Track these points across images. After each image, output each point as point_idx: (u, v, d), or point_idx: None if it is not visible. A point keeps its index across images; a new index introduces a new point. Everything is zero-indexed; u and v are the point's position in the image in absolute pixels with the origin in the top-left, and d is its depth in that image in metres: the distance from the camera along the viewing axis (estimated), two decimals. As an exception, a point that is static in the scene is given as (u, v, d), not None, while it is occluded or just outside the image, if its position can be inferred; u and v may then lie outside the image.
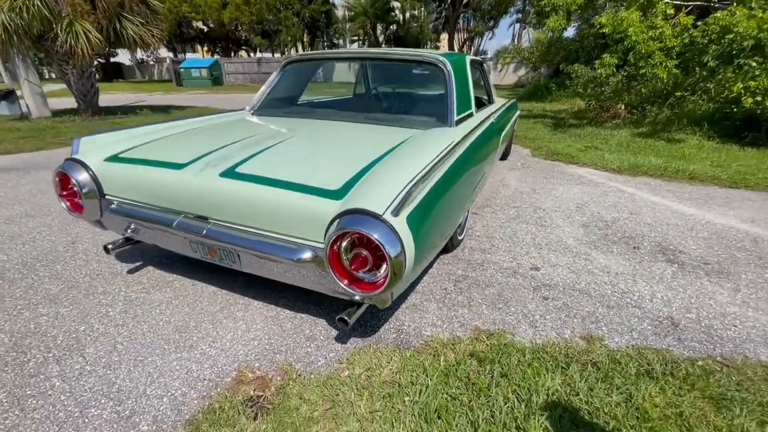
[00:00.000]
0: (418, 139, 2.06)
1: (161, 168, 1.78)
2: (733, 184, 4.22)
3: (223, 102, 13.66)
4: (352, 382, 1.49)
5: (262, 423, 1.32)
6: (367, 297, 1.41)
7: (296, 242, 1.52)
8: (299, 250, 1.49)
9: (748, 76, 5.13)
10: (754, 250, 2.76)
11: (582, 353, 1.68)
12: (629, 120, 7.59)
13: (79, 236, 2.81)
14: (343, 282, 1.39)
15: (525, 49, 12.12)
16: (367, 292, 1.36)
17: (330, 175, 1.60)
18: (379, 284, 1.33)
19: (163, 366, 1.60)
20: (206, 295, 2.11)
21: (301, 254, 1.49)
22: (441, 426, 1.30)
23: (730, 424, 1.34)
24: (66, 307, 1.99)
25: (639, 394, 1.45)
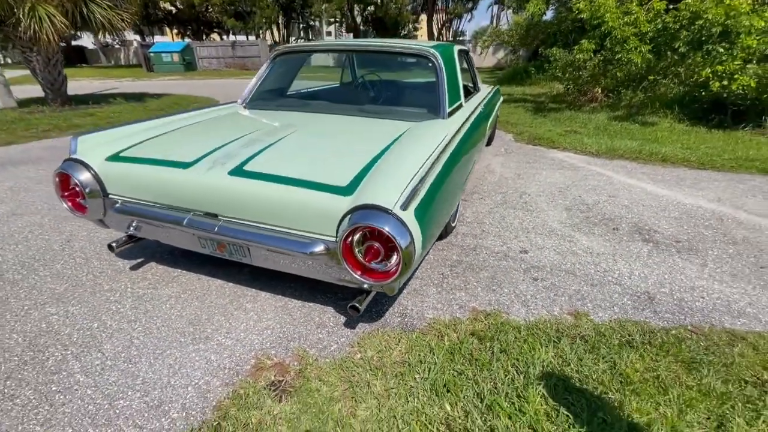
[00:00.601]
0: (414, 132, 2.14)
1: (167, 167, 1.82)
2: (701, 166, 4.50)
3: (201, 89, 13.24)
4: (366, 364, 1.62)
5: (286, 405, 1.43)
6: (379, 285, 1.51)
7: (308, 236, 1.60)
8: (311, 244, 1.58)
9: (716, 61, 5.40)
10: (719, 227, 3.01)
11: (571, 328, 1.86)
12: (606, 103, 7.85)
13: (74, 234, 2.80)
14: (357, 273, 1.49)
15: (504, 32, 12.20)
16: (380, 280, 1.47)
17: (337, 172, 1.68)
18: (392, 273, 1.44)
19: (182, 358, 1.68)
20: (214, 288, 2.17)
21: (314, 248, 1.57)
22: (451, 398, 1.45)
23: (699, 383, 1.54)
24: (74, 305, 2.02)
25: (622, 362, 1.63)
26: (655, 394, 1.48)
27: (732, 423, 1.37)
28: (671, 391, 1.50)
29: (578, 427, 1.34)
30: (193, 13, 27.41)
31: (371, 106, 2.66)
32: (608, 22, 6.13)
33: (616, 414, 1.39)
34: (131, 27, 9.58)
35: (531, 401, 1.43)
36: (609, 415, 1.39)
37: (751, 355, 1.70)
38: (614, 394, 1.48)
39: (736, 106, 5.78)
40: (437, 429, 1.33)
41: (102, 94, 11.19)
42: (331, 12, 27.05)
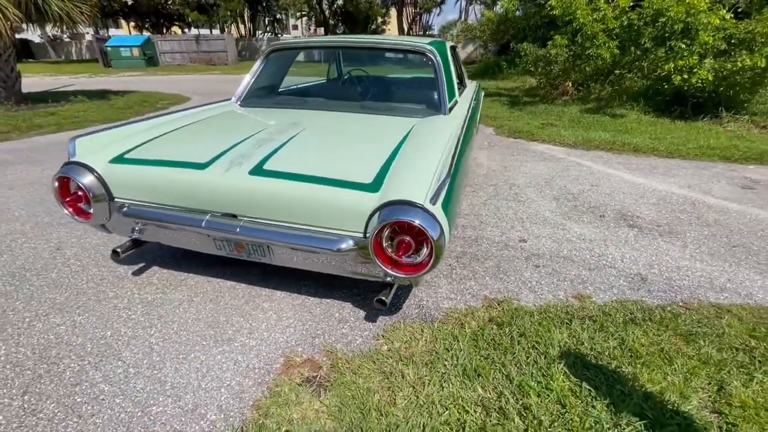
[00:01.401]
0: (421, 129, 2.19)
1: (181, 168, 1.77)
2: (669, 155, 4.83)
3: (167, 85, 12.67)
4: (395, 355, 1.67)
5: (326, 398, 1.45)
6: (409, 278, 1.56)
7: (333, 233, 1.62)
8: (338, 241, 1.60)
9: (678, 57, 5.77)
10: (693, 211, 3.26)
11: (578, 310, 1.98)
12: (576, 96, 8.21)
13: (63, 241, 2.66)
14: (387, 267, 1.53)
15: (476, 27, 12.43)
16: (411, 273, 1.52)
17: (359, 169, 1.71)
18: (423, 265, 1.49)
19: (208, 360, 1.66)
20: (226, 289, 2.15)
21: (341, 244, 1.60)
22: (482, 381, 1.52)
23: (698, 353, 1.69)
24: (81, 314, 1.94)
25: (629, 338, 1.76)
26: (662, 365, 1.62)
27: (730, 386, 1.53)
28: (675, 361, 1.64)
29: (601, 399, 1.45)
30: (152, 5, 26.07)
31: (371, 103, 2.68)
32: (579, 19, 6.41)
33: (631, 385, 1.52)
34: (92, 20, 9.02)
35: (555, 379, 1.53)
36: (625, 386, 1.51)
37: (737, 325, 1.88)
38: (627, 367, 1.61)
39: (695, 98, 6.22)
40: (474, 411, 1.40)
41: (59, 91, 10.50)
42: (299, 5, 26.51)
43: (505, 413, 1.39)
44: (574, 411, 1.39)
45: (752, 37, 5.48)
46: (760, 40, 5.42)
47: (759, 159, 4.57)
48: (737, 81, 5.67)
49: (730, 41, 5.76)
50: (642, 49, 6.83)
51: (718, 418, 1.42)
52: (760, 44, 5.40)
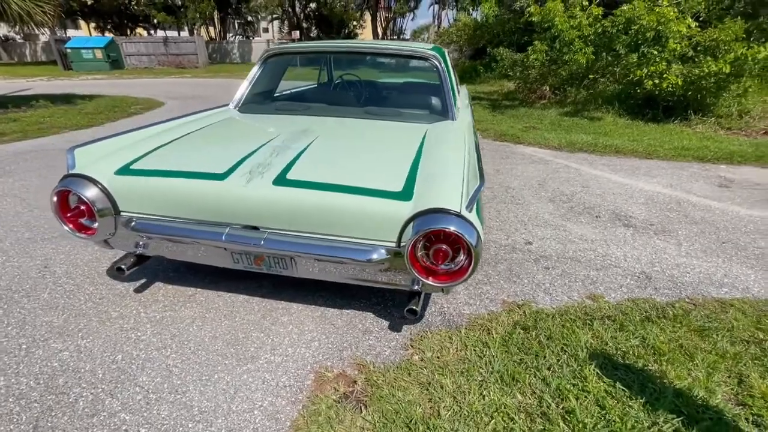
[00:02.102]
0: (435, 135, 2.20)
1: (198, 179, 1.69)
2: (648, 156, 5.07)
3: (136, 89, 12.13)
4: (429, 365, 1.65)
5: (368, 415, 1.41)
6: (445, 287, 1.54)
7: (364, 243, 1.58)
8: (370, 251, 1.56)
9: (650, 62, 6.08)
10: (679, 210, 3.43)
11: (596, 310, 2.03)
12: (554, 100, 8.49)
13: (50, 258, 2.47)
14: (422, 276, 1.51)
15: (452, 32, 12.65)
16: (447, 282, 1.50)
17: (385, 177, 1.68)
18: (461, 273, 1.47)
19: (234, 381, 1.58)
20: (239, 304, 2.06)
21: (372, 255, 1.56)
22: (520, 387, 1.53)
23: (714, 347, 1.77)
24: (84, 338, 1.80)
25: (649, 336, 1.82)
26: (685, 362, 1.68)
27: (749, 379, 1.60)
28: (696, 357, 1.71)
29: (636, 398, 1.48)
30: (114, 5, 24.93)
31: (375, 108, 2.65)
32: (558, 26, 6.64)
33: (661, 383, 1.56)
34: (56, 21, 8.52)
35: (589, 381, 1.55)
36: (656, 384, 1.55)
37: (742, 318, 1.98)
38: (653, 365, 1.66)
39: (666, 102, 6.57)
40: (519, 418, 1.40)
41: (18, 95, 9.84)
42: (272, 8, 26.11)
43: (549, 418, 1.39)
44: (614, 412, 1.42)
45: (716, 45, 5.86)
46: (724, 48, 5.80)
47: (729, 159, 4.87)
48: (704, 85, 6.04)
49: (696, 48, 6.13)
50: (614, 55, 7.16)
51: (744, 410, 1.48)
52: (724, 51, 5.78)
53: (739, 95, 6.16)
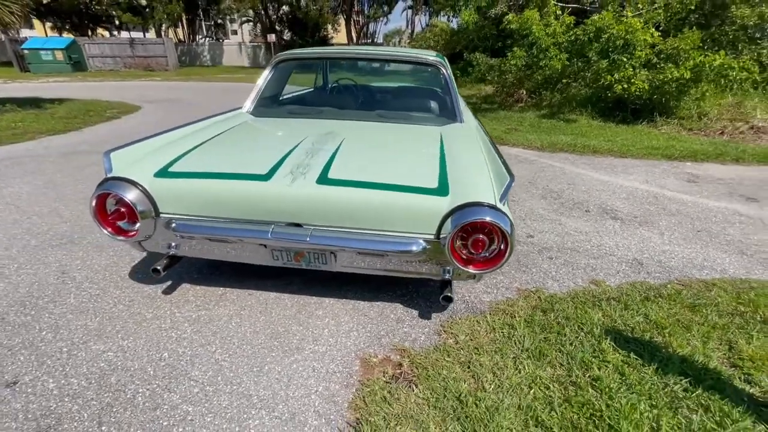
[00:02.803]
0: (451, 136, 2.37)
1: (242, 180, 1.76)
2: (623, 155, 5.47)
3: (109, 92, 11.69)
4: (465, 346, 1.79)
5: (420, 392, 1.54)
6: (480, 274, 1.69)
7: (404, 237, 1.71)
8: (410, 243, 1.70)
9: (620, 69, 6.55)
10: (657, 203, 3.76)
11: (601, 293, 2.25)
12: (530, 103, 8.92)
13: (65, 264, 2.45)
14: (460, 264, 1.65)
15: (430, 37, 12.98)
16: (485, 269, 1.66)
17: (419, 174, 1.82)
18: (498, 259, 1.63)
19: (285, 371, 1.67)
20: (271, 301, 2.13)
21: (412, 247, 1.69)
22: (550, 360, 1.70)
23: (705, 320, 2.02)
24: (125, 339, 1.83)
25: (651, 313, 2.05)
26: (683, 333, 1.91)
27: (737, 345, 1.85)
28: (692, 329, 1.94)
29: (649, 365, 1.69)
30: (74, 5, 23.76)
31: (387, 112, 2.79)
32: (535, 33, 7.03)
33: (667, 352, 1.78)
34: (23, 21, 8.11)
35: (607, 352, 1.75)
36: (663, 353, 1.77)
37: (725, 295, 2.25)
38: (657, 337, 1.88)
39: (634, 104, 7.07)
40: (552, 386, 1.57)
41: (-21, 99, 9.25)
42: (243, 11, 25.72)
43: (579, 385, 1.57)
44: (632, 377, 1.61)
45: (677, 53, 6.39)
46: (684, 55, 6.33)
47: (693, 157, 5.34)
48: (667, 90, 6.56)
49: (659, 55, 6.66)
50: (584, 61, 7.64)
51: (736, 370, 1.72)
52: (684, 59, 6.31)
53: (698, 99, 6.74)
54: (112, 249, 2.64)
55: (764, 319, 2.04)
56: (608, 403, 1.48)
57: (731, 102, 6.75)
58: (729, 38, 7.48)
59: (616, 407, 1.46)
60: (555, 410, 1.45)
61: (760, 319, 2.05)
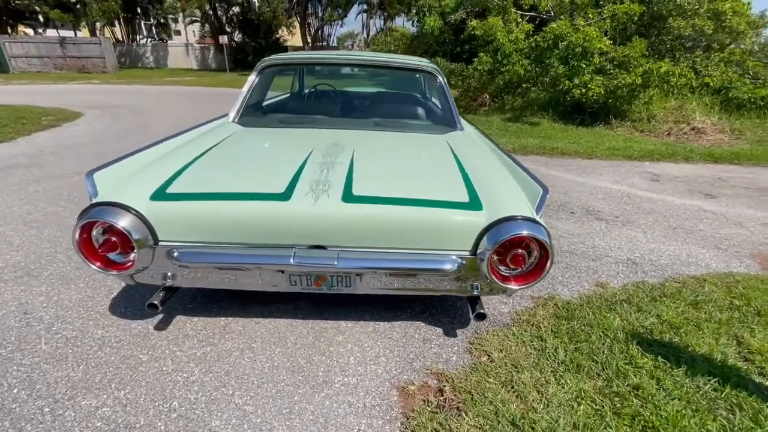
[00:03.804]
0: (459, 144, 2.32)
1: (257, 201, 1.58)
2: (589, 156, 5.76)
3: (43, 97, 10.51)
4: (500, 365, 1.73)
5: (470, 419, 1.45)
6: (517, 289, 1.64)
7: (437, 254, 1.62)
8: (444, 261, 1.61)
9: (580, 74, 6.92)
10: (632, 202, 3.98)
11: (610, 296, 2.30)
12: (494, 107, 9.20)
13: (25, 302, 2.09)
14: (499, 280, 1.59)
15: (390, 41, 13.04)
16: (526, 283, 1.61)
17: (445, 187, 1.75)
18: (538, 272, 1.59)
19: (318, 410, 1.51)
20: (283, 330, 1.95)
21: (446, 265, 1.61)
22: (587, 371, 1.69)
23: (710, 316, 2.12)
24: (121, 389, 1.58)
25: (662, 314, 2.11)
26: (695, 331, 1.99)
27: (744, 339, 1.95)
28: (701, 326, 2.03)
29: (677, 368, 1.72)
30: (-11, -1, 21.18)
31: (384, 120, 2.69)
32: (499, 39, 7.25)
33: (688, 352, 1.84)
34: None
35: (637, 358, 1.77)
36: (686, 354, 1.82)
37: (717, 290, 2.40)
38: (675, 337, 1.94)
39: (591, 108, 7.51)
40: (598, 399, 1.55)
41: None
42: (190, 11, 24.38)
43: (623, 396, 1.57)
44: (667, 382, 1.64)
45: (628, 60, 6.88)
46: (633, 63, 6.83)
47: (650, 156, 5.75)
48: (620, 94, 7.04)
49: (613, 62, 7.13)
50: (542, 67, 8.01)
51: (749, 364, 1.81)
52: (634, 65, 6.80)
53: (646, 102, 7.29)
54: (81, 280, 2.30)
55: (758, 311, 2.18)
56: (656, 413, 1.48)
57: (674, 105, 7.38)
58: (667, 47, 8.19)
59: (664, 416, 1.47)
60: (609, 425, 1.43)
61: (754, 311, 2.19)
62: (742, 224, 3.53)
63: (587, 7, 7.57)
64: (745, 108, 7.46)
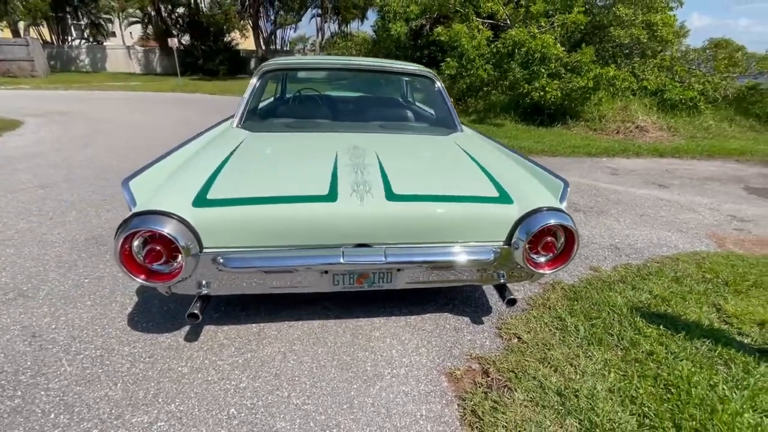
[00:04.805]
0: (468, 144, 2.47)
1: (305, 203, 1.60)
2: (553, 154, 6.22)
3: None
4: (531, 345, 1.88)
5: (520, 394, 1.58)
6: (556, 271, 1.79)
7: (476, 246, 1.74)
8: (483, 252, 1.73)
9: (539, 78, 7.44)
10: (601, 195, 4.37)
11: (606, 278, 2.55)
12: (458, 110, 9.57)
13: (30, 325, 1.94)
14: (532, 267, 1.74)
15: (351, 46, 13.13)
16: (556, 267, 1.76)
17: (473, 184, 1.88)
18: (566, 256, 1.75)
19: (377, 401, 1.57)
20: (319, 330, 1.98)
21: (485, 255, 1.73)
22: (607, 344, 1.88)
23: (691, 289, 2.43)
24: (170, 403, 1.53)
25: (653, 289, 2.39)
26: (683, 302, 2.28)
27: (721, 305, 2.26)
28: (687, 298, 2.32)
29: (677, 334, 1.97)
30: None
31: (388, 123, 2.78)
32: (464, 44, 7.60)
33: (682, 320, 2.11)
34: None
35: (643, 329, 2.00)
36: (680, 322, 2.09)
37: (690, 267, 2.74)
38: (668, 309, 2.21)
39: (549, 109, 8.09)
40: (624, 366, 1.75)
41: None
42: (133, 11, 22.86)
43: (641, 362, 1.78)
44: (673, 347, 1.87)
45: (579, 65, 7.50)
46: (584, 68, 7.46)
47: (606, 153, 6.32)
48: (574, 97, 7.65)
49: (566, 67, 7.74)
50: (501, 71, 8.51)
51: (729, 327, 2.11)
52: (585, 70, 7.43)
53: (597, 104, 7.99)
54: (87, 298, 2.17)
55: (725, 281, 2.53)
56: (671, 373, 1.70)
57: (620, 106, 8.15)
58: (609, 54, 9.02)
59: (678, 374, 1.69)
60: (638, 386, 1.62)
61: (723, 282, 2.53)
62: (694, 209, 4.02)
63: (540, 16, 8.16)
64: (678, 108, 8.41)
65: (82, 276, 2.39)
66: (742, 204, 4.30)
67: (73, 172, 4.45)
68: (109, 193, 3.80)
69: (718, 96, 9.05)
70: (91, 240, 2.85)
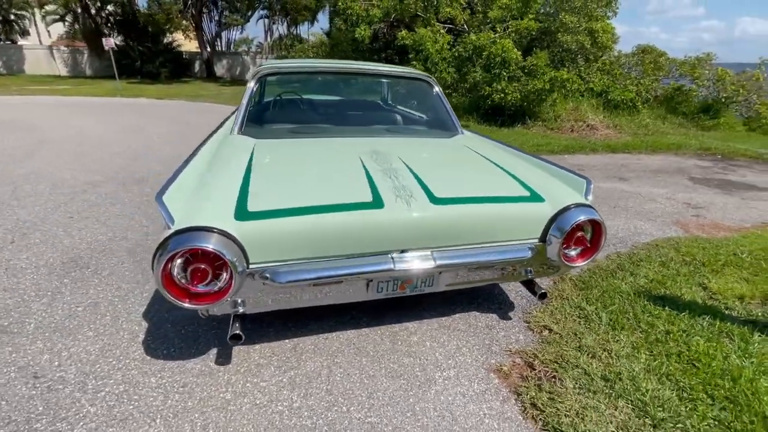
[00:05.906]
0: (477, 146, 2.54)
1: (353, 211, 1.56)
2: (520, 152, 6.54)
3: None
4: (563, 335, 1.98)
5: (570, 382, 1.65)
6: (576, 267, 1.90)
7: (514, 245, 1.80)
8: (521, 250, 1.80)
9: (499, 81, 7.81)
10: (573, 189, 4.68)
11: (605, 267, 2.74)
12: (423, 112, 9.78)
13: (24, 364, 1.70)
14: (565, 260, 1.83)
15: (310, 49, 12.92)
16: (587, 259, 1.86)
17: (501, 184, 1.94)
18: (595, 248, 1.86)
19: (437, 405, 1.57)
20: (356, 340, 1.93)
21: (523, 253, 1.80)
22: (629, 327, 2.03)
23: (678, 272, 2.68)
24: (228, 426, 1.42)
25: (649, 274, 2.61)
26: (676, 284, 2.51)
27: (705, 284, 2.53)
28: (677, 280, 2.56)
29: (681, 313, 2.17)
30: None
31: (395, 126, 2.79)
32: (429, 48, 7.78)
33: (681, 300, 2.32)
34: None
35: (653, 311, 2.18)
36: (680, 301, 2.30)
37: (670, 252, 3.02)
38: (667, 291, 2.42)
39: (509, 110, 8.51)
40: (652, 347, 1.89)
41: None
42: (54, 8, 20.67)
43: (662, 341, 1.93)
44: (682, 324, 2.06)
45: (536, 69, 7.99)
46: (540, 71, 7.95)
47: (567, 150, 6.78)
48: (531, 98, 8.13)
49: (524, 71, 8.19)
50: (461, 74, 8.82)
51: (717, 302, 2.36)
52: (541, 73, 7.93)
53: (552, 105, 8.54)
54: (87, 328, 1.95)
55: (702, 263, 2.83)
56: (690, 348, 1.87)
57: (572, 107, 8.78)
58: (558, 58, 9.69)
59: (695, 349, 1.86)
60: (668, 364, 1.77)
61: (700, 263, 2.82)
62: (655, 200, 4.44)
63: (497, 22, 8.57)
64: (620, 107, 9.23)
65: (72, 304, 2.14)
66: (691, 193, 4.82)
67: (20, 189, 3.94)
68: (74, 209, 3.42)
69: (650, 96, 10.07)
70: (69, 263, 2.55)
